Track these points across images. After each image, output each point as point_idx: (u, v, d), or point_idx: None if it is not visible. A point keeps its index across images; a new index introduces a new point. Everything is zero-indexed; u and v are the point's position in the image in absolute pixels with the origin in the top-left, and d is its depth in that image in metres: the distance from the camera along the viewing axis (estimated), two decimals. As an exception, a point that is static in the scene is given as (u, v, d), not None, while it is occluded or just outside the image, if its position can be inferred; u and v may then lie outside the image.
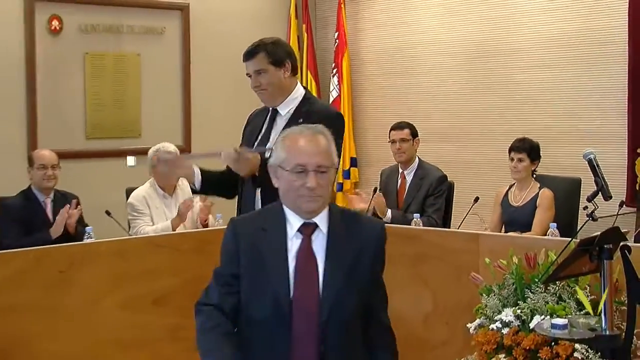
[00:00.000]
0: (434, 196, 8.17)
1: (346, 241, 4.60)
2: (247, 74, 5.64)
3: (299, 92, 5.70)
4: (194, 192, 6.04)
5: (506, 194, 8.46)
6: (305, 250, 4.52)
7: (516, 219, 8.33)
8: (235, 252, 4.56)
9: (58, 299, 6.81)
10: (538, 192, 8.21)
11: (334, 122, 5.50)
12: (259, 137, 5.71)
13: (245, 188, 5.61)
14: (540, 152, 8.20)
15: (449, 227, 8.11)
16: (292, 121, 5.51)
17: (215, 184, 5.64)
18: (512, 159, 8.24)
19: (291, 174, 4.35)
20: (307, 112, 5.56)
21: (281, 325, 4.41)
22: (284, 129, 5.46)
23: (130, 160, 5.50)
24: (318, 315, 4.46)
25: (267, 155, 5.28)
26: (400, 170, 8.36)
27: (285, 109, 5.64)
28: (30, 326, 6.66)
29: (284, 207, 4.53)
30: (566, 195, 8.17)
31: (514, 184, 8.45)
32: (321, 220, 4.54)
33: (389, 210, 8.08)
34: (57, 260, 6.88)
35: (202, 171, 5.59)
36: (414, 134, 8.34)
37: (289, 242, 4.50)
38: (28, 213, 7.76)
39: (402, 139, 8.31)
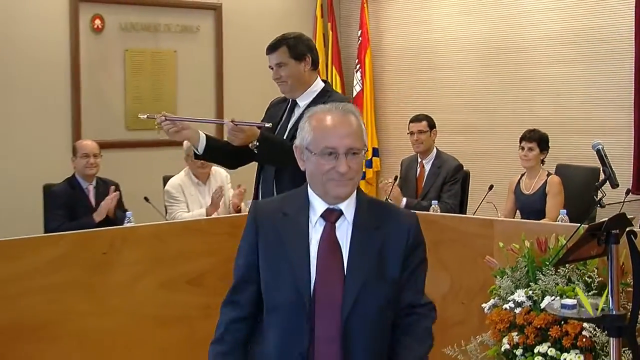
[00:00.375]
0: (450, 183, 8.16)
1: (374, 232, 4.12)
2: (269, 66, 5.65)
3: (318, 85, 5.68)
4: (197, 156, 5.92)
5: (518, 182, 8.47)
6: (328, 238, 4.06)
7: (529, 206, 8.33)
8: (254, 237, 4.28)
9: (101, 279, 6.86)
10: (546, 180, 8.22)
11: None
12: (279, 126, 5.71)
13: (263, 175, 5.61)
14: (549, 143, 8.20)
15: (465, 214, 8.10)
16: None
17: (218, 151, 5.56)
18: (522, 148, 8.23)
19: (320, 157, 3.90)
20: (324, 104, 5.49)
21: (301, 314, 3.97)
22: (297, 121, 5.43)
23: (141, 115, 5.50)
24: (341, 306, 3.97)
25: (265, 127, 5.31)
26: (419, 160, 8.36)
27: (304, 101, 5.62)
28: (75, 303, 6.71)
29: (309, 191, 4.11)
30: (586, 183, 8.04)
31: (525, 172, 8.44)
32: (347, 207, 4.07)
33: (404, 199, 8.08)
34: (100, 242, 6.92)
35: (208, 138, 5.56)
36: (432, 125, 8.33)
37: (311, 228, 4.07)
38: (72, 199, 7.78)
39: (420, 131, 8.30)
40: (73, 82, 9.27)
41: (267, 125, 5.32)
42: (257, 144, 5.19)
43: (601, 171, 5.68)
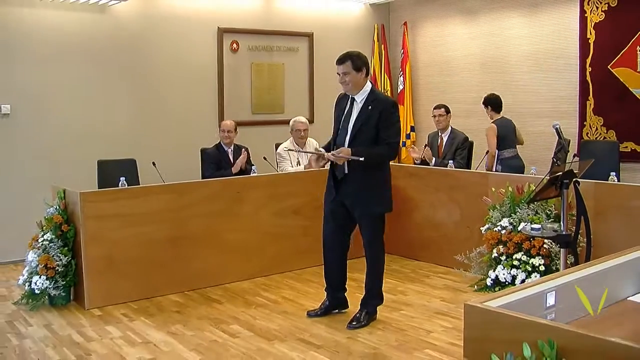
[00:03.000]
0: (460, 149, 8.10)
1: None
2: (337, 73, 5.56)
3: (368, 87, 5.58)
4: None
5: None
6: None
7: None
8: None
9: (236, 208, 7.04)
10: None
11: (393, 107, 5.61)
12: (344, 116, 5.62)
13: (338, 140, 5.63)
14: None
15: (470, 169, 8.09)
16: (365, 106, 5.50)
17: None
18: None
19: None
20: (373, 100, 5.49)
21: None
22: (359, 112, 5.51)
23: (308, 155, 5.93)
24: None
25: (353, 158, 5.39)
26: (440, 134, 8.30)
27: (360, 97, 5.54)
28: (220, 224, 6.90)
29: None
30: (605, 154, 7.73)
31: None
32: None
33: (434, 159, 8.09)
34: (236, 185, 7.12)
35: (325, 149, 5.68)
36: (448, 111, 8.26)
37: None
38: (218, 157, 7.82)
39: (439, 115, 8.26)
40: (219, 84, 9.33)
41: (361, 159, 5.25)
42: (361, 159, 5.30)
43: (557, 142, 5.69)
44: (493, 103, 8.22)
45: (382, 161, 5.55)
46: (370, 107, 5.49)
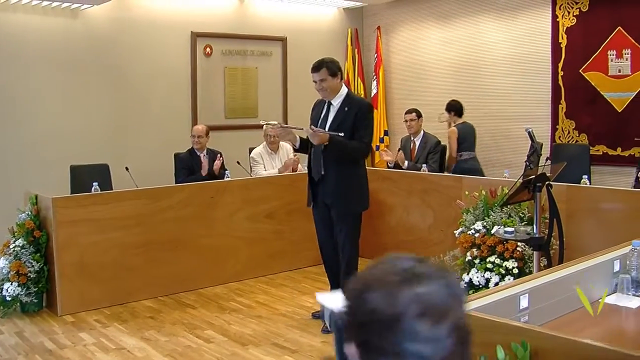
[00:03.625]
0: (433, 153, 8.13)
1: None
2: (313, 81, 5.65)
3: (344, 91, 5.69)
4: (295, 150, 6.07)
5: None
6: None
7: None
8: None
9: (210, 213, 7.03)
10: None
11: (368, 109, 5.74)
12: (321, 118, 5.71)
13: (313, 154, 5.69)
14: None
15: (443, 172, 8.14)
16: (341, 109, 5.60)
17: (304, 147, 5.70)
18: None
19: None
20: (350, 102, 5.60)
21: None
22: (335, 114, 5.60)
23: (264, 122, 5.70)
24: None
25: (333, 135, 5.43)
26: (412, 138, 8.33)
27: (336, 101, 5.63)
28: (193, 229, 6.89)
29: None
30: (577, 157, 7.80)
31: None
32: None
33: (406, 162, 8.11)
34: (210, 190, 7.12)
35: (301, 139, 5.66)
36: (419, 115, 8.28)
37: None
38: (191, 162, 7.77)
39: (411, 119, 8.29)
40: (192, 88, 9.28)
41: (341, 134, 5.40)
42: (341, 134, 5.35)
43: (530, 146, 5.73)
44: (455, 109, 8.58)
45: (356, 156, 5.64)
46: (346, 109, 5.58)
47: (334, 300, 1.60)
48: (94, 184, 6.62)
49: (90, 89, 8.56)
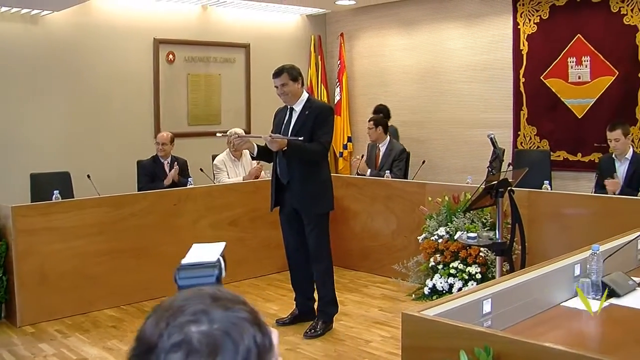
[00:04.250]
0: (398, 160, 8.17)
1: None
2: (275, 86, 5.72)
3: (305, 96, 5.75)
4: (252, 158, 6.10)
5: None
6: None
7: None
8: None
9: (173, 221, 6.98)
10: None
11: (328, 111, 5.84)
12: (284, 124, 5.74)
13: (278, 159, 5.71)
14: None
15: (407, 179, 8.17)
16: (302, 113, 5.66)
17: (263, 154, 5.72)
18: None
19: None
20: (311, 106, 5.67)
21: None
22: (297, 118, 5.66)
23: (218, 134, 5.66)
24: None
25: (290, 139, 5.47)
26: (378, 145, 8.37)
27: (298, 107, 5.68)
28: (156, 237, 6.83)
29: None
30: (539, 163, 7.83)
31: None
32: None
33: (368, 170, 8.14)
34: (173, 197, 7.07)
35: (259, 147, 5.68)
36: (377, 124, 8.21)
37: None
38: (154, 169, 7.73)
39: (369, 127, 8.29)
40: (155, 95, 9.22)
41: (300, 139, 5.44)
42: (300, 138, 5.40)
43: (492, 152, 5.77)
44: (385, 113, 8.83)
45: (315, 157, 5.67)
46: (307, 112, 5.66)
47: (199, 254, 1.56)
48: (55, 192, 6.54)
49: (51, 95, 8.46)
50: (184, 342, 1.11)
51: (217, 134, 6.18)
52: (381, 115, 8.74)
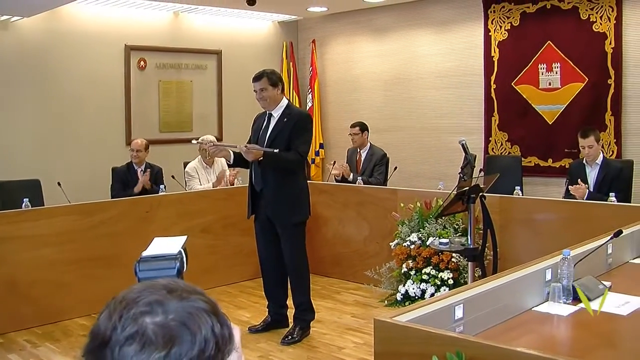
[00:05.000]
0: (379, 165, 8.15)
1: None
2: (254, 90, 5.70)
3: (284, 102, 5.73)
4: (229, 165, 6.08)
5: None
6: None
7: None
8: None
9: (144, 228, 6.92)
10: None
11: (307, 119, 5.81)
12: (261, 130, 5.73)
13: (254, 166, 5.69)
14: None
15: (387, 184, 8.17)
16: (280, 119, 5.64)
17: (239, 162, 5.69)
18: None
19: None
20: (289, 114, 5.65)
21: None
22: (275, 124, 5.64)
23: (194, 141, 5.66)
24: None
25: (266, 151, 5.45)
26: (358, 150, 8.33)
27: (277, 113, 5.66)
28: (127, 244, 6.73)
29: None
30: (510, 168, 7.94)
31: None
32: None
33: (351, 174, 8.13)
34: (144, 204, 7.02)
35: (235, 154, 5.66)
36: (363, 129, 8.28)
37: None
38: (127, 176, 7.70)
39: (354, 133, 8.30)
40: (126, 102, 9.18)
41: (275, 150, 5.40)
42: (275, 150, 5.37)
43: (464, 158, 5.80)
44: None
45: (292, 167, 5.66)
46: (285, 120, 5.63)
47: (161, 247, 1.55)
48: (25, 200, 6.47)
49: (20, 102, 8.39)
50: (139, 334, 1.08)
51: (193, 141, 6.17)
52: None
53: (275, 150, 5.39)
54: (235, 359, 1.17)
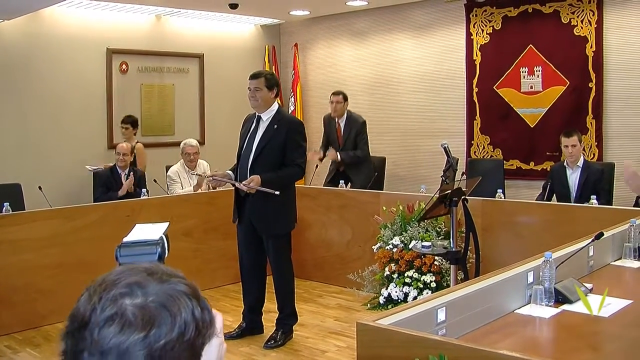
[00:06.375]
0: (361, 134, 8.09)
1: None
2: (248, 88, 5.63)
3: (275, 107, 5.66)
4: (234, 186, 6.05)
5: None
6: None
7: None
8: None
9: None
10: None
11: (299, 127, 5.72)
12: (249, 135, 5.65)
13: (239, 171, 5.58)
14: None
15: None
16: (270, 125, 5.56)
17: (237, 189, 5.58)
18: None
19: None
20: (280, 120, 5.58)
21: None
22: (264, 131, 5.56)
23: (192, 173, 5.71)
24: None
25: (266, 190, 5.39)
26: (337, 120, 8.25)
27: (266, 117, 5.59)
28: (109, 248, 6.56)
29: None
30: (492, 172, 7.94)
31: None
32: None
33: (338, 154, 8.09)
34: (126, 209, 6.98)
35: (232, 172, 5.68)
36: (345, 98, 8.19)
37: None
38: (110, 180, 7.68)
39: (337, 102, 8.15)
40: (108, 105, 9.14)
41: (276, 193, 5.28)
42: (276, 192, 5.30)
43: (446, 161, 5.81)
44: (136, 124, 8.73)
45: (294, 181, 5.68)
46: (276, 126, 5.55)
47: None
48: (5, 204, 6.42)
49: (0, 105, 8.33)
50: (118, 315, 1.08)
51: (192, 174, 6.11)
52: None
53: (276, 192, 5.30)
54: (217, 344, 1.17)
